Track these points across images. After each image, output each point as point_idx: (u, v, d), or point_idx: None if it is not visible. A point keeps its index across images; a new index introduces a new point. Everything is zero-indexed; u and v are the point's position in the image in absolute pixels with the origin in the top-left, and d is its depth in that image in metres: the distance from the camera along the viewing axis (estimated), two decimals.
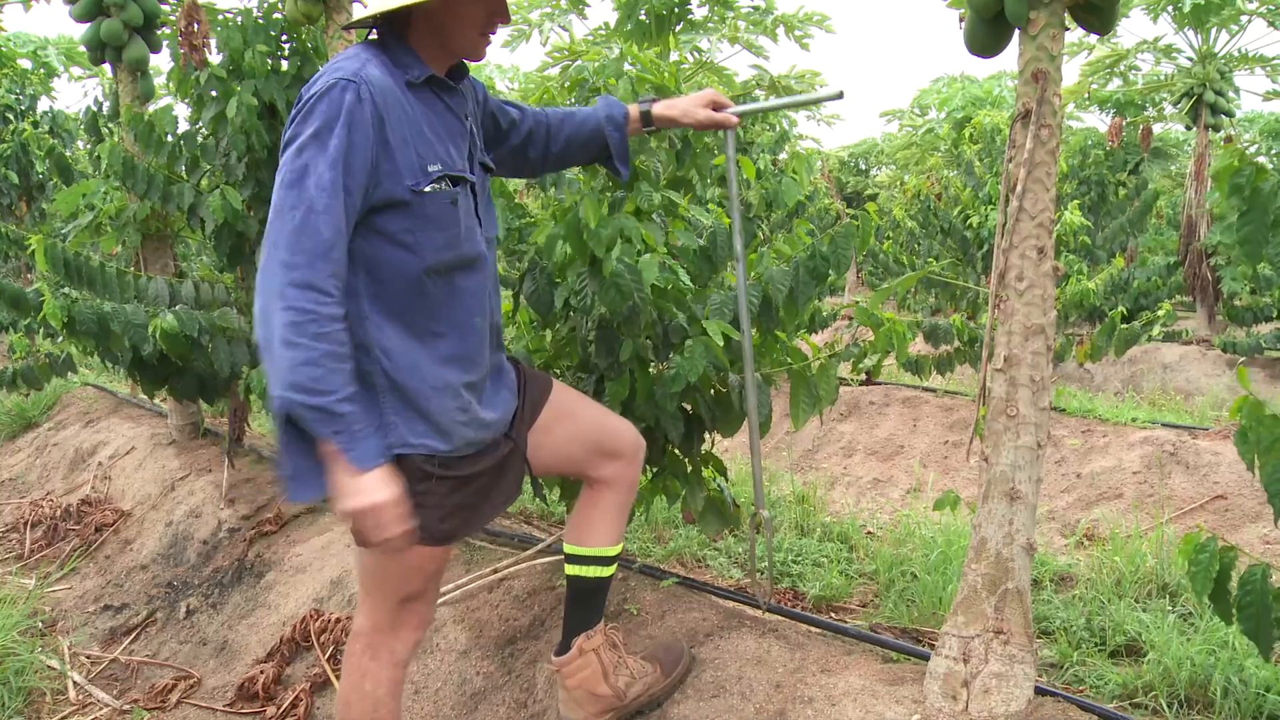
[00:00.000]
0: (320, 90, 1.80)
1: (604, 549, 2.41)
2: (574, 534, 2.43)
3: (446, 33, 1.96)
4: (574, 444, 2.35)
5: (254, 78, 4.29)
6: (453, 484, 2.01)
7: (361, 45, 1.93)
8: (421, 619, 2.17)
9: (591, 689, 2.43)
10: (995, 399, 2.27)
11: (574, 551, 2.42)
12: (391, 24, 1.96)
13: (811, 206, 8.85)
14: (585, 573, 2.41)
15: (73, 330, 4.14)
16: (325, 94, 1.79)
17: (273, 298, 1.72)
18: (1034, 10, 2.15)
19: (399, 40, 1.95)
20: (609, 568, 2.43)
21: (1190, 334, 10.49)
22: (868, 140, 27.63)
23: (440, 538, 2.03)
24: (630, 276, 2.55)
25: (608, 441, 2.39)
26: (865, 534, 4.69)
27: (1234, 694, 2.68)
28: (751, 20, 7.14)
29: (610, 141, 2.40)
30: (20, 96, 10.33)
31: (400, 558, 2.01)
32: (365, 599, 2.14)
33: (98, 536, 5.08)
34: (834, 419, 7.94)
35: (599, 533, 2.41)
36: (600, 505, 2.42)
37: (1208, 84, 10.11)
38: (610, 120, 2.39)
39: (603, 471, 2.39)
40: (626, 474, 2.42)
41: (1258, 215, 1.79)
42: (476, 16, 1.96)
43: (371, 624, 2.12)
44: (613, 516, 2.43)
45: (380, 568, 2.06)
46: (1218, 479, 5.26)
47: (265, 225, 1.79)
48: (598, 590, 2.45)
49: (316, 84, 1.82)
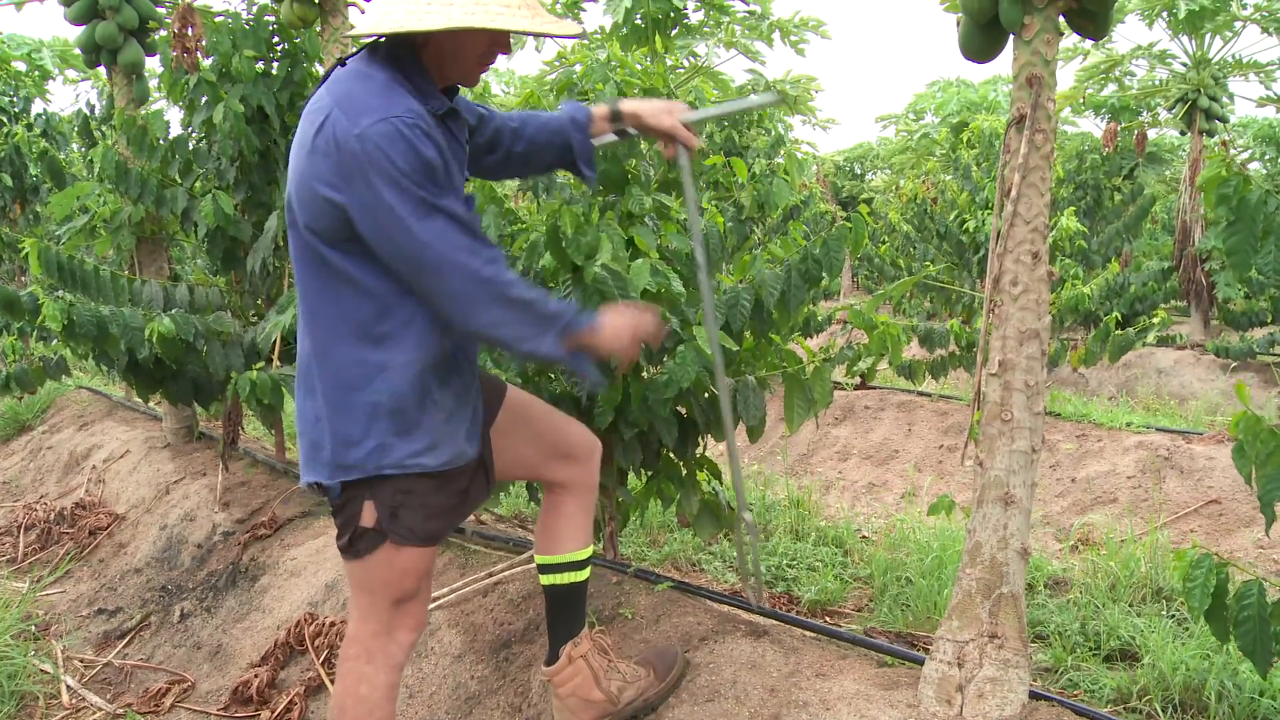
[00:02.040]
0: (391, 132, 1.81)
1: (574, 554, 2.41)
2: (542, 544, 2.44)
3: (445, 59, 1.98)
4: (529, 447, 2.36)
5: (242, 82, 4.28)
6: (436, 483, 2.03)
7: (388, 72, 1.92)
8: (416, 621, 2.17)
9: (585, 695, 2.42)
10: (990, 403, 2.27)
11: (546, 561, 2.42)
12: (405, 42, 1.96)
13: (807, 211, 8.85)
14: (560, 580, 2.41)
15: (71, 334, 4.13)
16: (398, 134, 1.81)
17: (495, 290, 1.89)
18: (1028, 15, 2.15)
19: (415, 62, 1.96)
20: (583, 571, 2.44)
21: (1185, 339, 10.50)
22: (863, 144, 27.65)
23: (426, 538, 2.05)
24: (614, 282, 2.55)
25: (563, 443, 2.39)
26: (860, 538, 4.69)
27: (1228, 699, 2.68)
28: (747, 25, 7.16)
29: (573, 142, 2.35)
30: (14, 99, 10.30)
31: (388, 561, 2.03)
32: (358, 604, 2.14)
33: (91, 540, 5.06)
34: (829, 423, 7.94)
35: (567, 539, 2.41)
36: (564, 511, 2.42)
37: (1202, 89, 10.13)
38: (573, 121, 2.35)
39: (560, 475, 2.40)
40: (584, 476, 2.43)
41: (1245, 225, 1.80)
42: (479, 46, 1.99)
43: (366, 628, 2.12)
44: (578, 520, 2.43)
45: (371, 572, 2.06)
46: (1212, 483, 5.27)
47: (257, 228, 1.82)
48: (575, 595, 2.44)
49: (372, 125, 1.81)
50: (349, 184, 1.83)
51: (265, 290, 4.85)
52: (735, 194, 3.32)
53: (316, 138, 1.86)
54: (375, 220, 1.83)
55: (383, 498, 1.99)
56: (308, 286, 1.97)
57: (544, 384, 3.05)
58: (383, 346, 1.94)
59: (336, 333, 1.95)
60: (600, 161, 2.83)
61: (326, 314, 1.96)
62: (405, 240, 1.83)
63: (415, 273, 1.88)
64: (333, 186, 1.84)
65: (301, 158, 1.91)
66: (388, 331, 1.94)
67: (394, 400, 1.94)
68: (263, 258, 4.46)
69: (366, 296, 1.92)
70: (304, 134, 1.92)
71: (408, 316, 1.95)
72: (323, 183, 1.85)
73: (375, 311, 1.93)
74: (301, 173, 1.90)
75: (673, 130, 2.35)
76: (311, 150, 1.87)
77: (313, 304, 1.98)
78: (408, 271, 1.88)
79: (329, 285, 1.94)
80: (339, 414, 1.96)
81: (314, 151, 1.87)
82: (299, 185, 1.91)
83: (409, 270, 1.88)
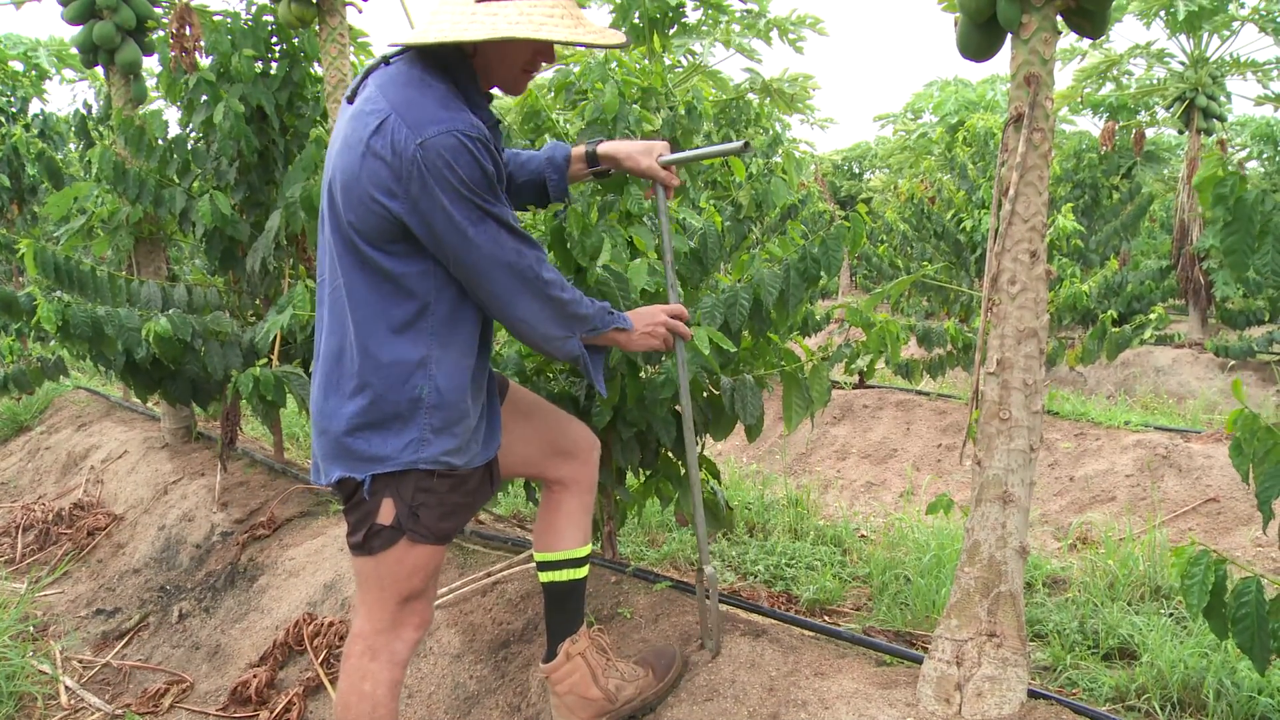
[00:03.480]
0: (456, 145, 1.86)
1: (574, 551, 2.43)
2: (542, 541, 2.45)
3: (491, 68, 2.03)
4: (531, 445, 2.38)
5: (241, 82, 4.28)
6: (452, 483, 2.06)
7: (445, 82, 1.95)
8: (422, 619, 2.18)
9: (582, 693, 2.43)
10: (988, 402, 2.27)
11: (545, 558, 2.44)
12: (457, 52, 2.00)
13: (805, 210, 8.84)
14: (559, 577, 2.42)
15: (67, 334, 4.13)
16: (462, 148, 1.86)
17: (537, 288, 2.01)
18: (1026, 14, 2.15)
19: (469, 73, 2.00)
20: (581, 569, 2.45)
21: (1183, 337, 10.50)
22: (861, 144, 27.68)
23: (441, 536, 2.08)
24: (616, 284, 2.56)
25: (564, 441, 2.42)
26: (859, 537, 4.69)
27: (1226, 696, 2.68)
28: (745, 23, 7.15)
29: (549, 185, 2.42)
30: (11, 99, 10.29)
31: (401, 558, 2.05)
32: (365, 601, 2.14)
33: (90, 540, 5.06)
34: (827, 422, 7.94)
35: (566, 536, 2.43)
36: (563, 508, 2.44)
37: (1200, 89, 10.14)
38: (551, 163, 2.41)
39: (560, 472, 2.42)
40: (584, 473, 2.45)
41: (1242, 225, 1.80)
42: (524, 56, 2.03)
43: (372, 625, 2.13)
44: (577, 517, 2.45)
45: (376, 570, 2.07)
46: (1210, 482, 5.27)
47: (256, 228, 1.85)
48: (574, 593, 2.46)
49: (436, 137, 1.85)
50: (407, 191, 1.87)
51: (264, 290, 4.84)
52: (733, 193, 3.32)
53: (373, 139, 1.88)
54: (431, 225, 1.89)
55: (404, 495, 2.01)
56: (349, 281, 1.99)
57: (542, 383, 3.05)
58: (422, 343, 1.98)
59: (376, 329, 1.97)
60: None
61: (366, 310, 1.98)
62: (459, 243, 1.90)
63: (464, 271, 1.95)
64: (388, 192, 1.88)
65: (352, 158, 1.92)
66: (427, 328, 1.98)
67: (434, 396, 1.99)
68: (261, 257, 4.46)
69: (406, 295, 1.96)
70: (355, 133, 1.93)
71: (446, 314, 2.00)
72: (378, 187, 1.88)
73: (416, 309, 1.97)
74: (352, 173, 1.92)
75: (650, 171, 2.40)
76: (365, 152, 1.89)
77: (352, 300, 1.99)
78: (457, 270, 1.95)
79: (370, 282, 1.97)
80: (376, 409, 1.98)
81: (368, 153, 1.89)
82: (348, 184, 1.93)
83: (458, 269, 1.95)
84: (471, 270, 1.95)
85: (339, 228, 1.97)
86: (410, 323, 1.97)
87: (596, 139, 2.48)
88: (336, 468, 2.04)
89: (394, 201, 1.87)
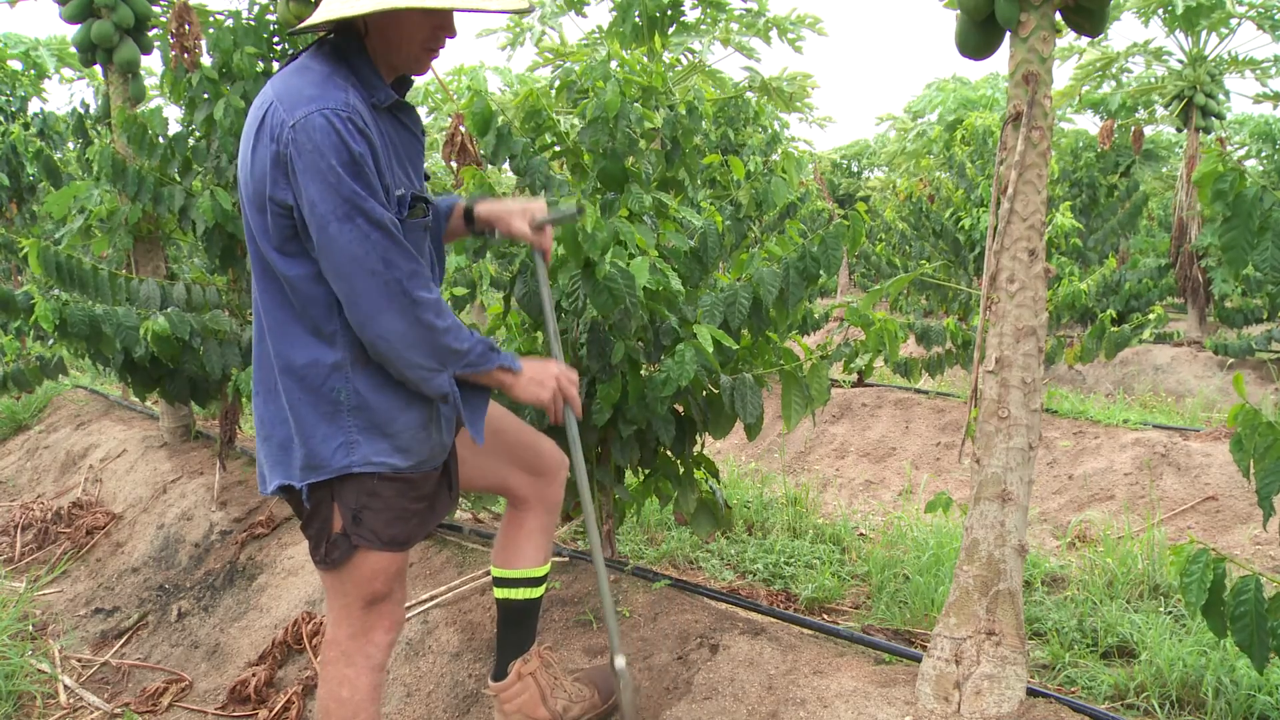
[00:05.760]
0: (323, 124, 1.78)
1: (531, 570, 2.40)
2: (500, 557, 2.42)
3: (390, 47, 1.94)
4: (497, 459, 2.32)
5: (243, 80, 4.28)
6: (399, 487, 2.00)
7: (330, 64, 1.89)
8: (392, 620, 2.15)
9: (530, 713, 2.42)
10: (987, 401, 2.27)
11: (502, 575, 2.40)
12: (349, 33, 1.93)
13: (804, 208, 8.83)
14: (515, 595, 2.40)
15: (64, 333, 4.12)
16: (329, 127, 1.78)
17: (404, 304, 1.84)
18: (1024, 13, 2.15)
19: (360, 52, 1.93)
20: (538, 589, 2.42)
21: (1181, 336, 10.50)
22: (860, 142, 27.65)
23: (389, 542, 2.02)
24: (623, 281, 2.55)
25: (531, 457, 2.37)
26: (858, 536, 4.69)
27: (1225, 694, 2.69)
28: (744, 22, 7.16)
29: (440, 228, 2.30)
30: (10, 98, 10.29)
31: (358, 564, 2.02)
32: (332, 607, 2.12)
33: (89, 539, 5.06)
34: (826, 421, 7.94)
35: (526, 555, 2.39)
36: (525, 526, 2.40)
37: (1198, 87, 10.14)
38: (438, 210, 2.29)
39: (525, 489, 2.37)
40: (550, 492, 2.41)
41: (1241, 221, 1.80)
42: (422, 31, 1.93)
43: (343, 632, 2.11)
44: (538, 537, 2.41)
45: (338, 576, 2.05)
46: (1209, 480, 5.28)
47: None
48: (529, 612, 2.43)
49: (306, 116, 1.78)
50: (287, 178, 1.81)
51: None
52: (733, 192, 3.32)
53: (260, 131, 1.84)
54: (304, 214, 1.81)
55: (347, 500, 1.97)
56: (260, 286, 1.95)
57: None
58: (335, 345, 1.92)
59: (287, 333, 1.93)
60: (600, 159, 2.85)
61: (278, 314, 1.94)
62: (320, 238, 1.81)
63: (328, 271, 1.85)
64: (274, 182, 1.82)
65: (246, 154, 1.89)
66: (337, 330, 1.91)
67: (354, 398, 1.93)
68: None
69: (309, 298, 1.89)
70: (248, 128, 1.89)
71: None
72: (269, 181, 1.83)
73: (323, 312, 1.90)
74: (248, 169, 1.88)
75: (521, 236, 2.30)
76: (255, 144, 1.86)
77: (265, 304, 1.95)
78: (323, 269, 1.85)
79: (275, 286, 1.92)
80: (303, 413, 1.93)
81: (258, 145, 1.85)
82: (246, 182, 1.90)
83: (324, 267, 1.85)
84: (333, 273, 1.84)
85: (250, 232, 1.93)
86: (319, 326, 1.91)
87: (476, 196, 2.39)
88: (277, 475, 2.00)
89: (280, 191, 1.81)
